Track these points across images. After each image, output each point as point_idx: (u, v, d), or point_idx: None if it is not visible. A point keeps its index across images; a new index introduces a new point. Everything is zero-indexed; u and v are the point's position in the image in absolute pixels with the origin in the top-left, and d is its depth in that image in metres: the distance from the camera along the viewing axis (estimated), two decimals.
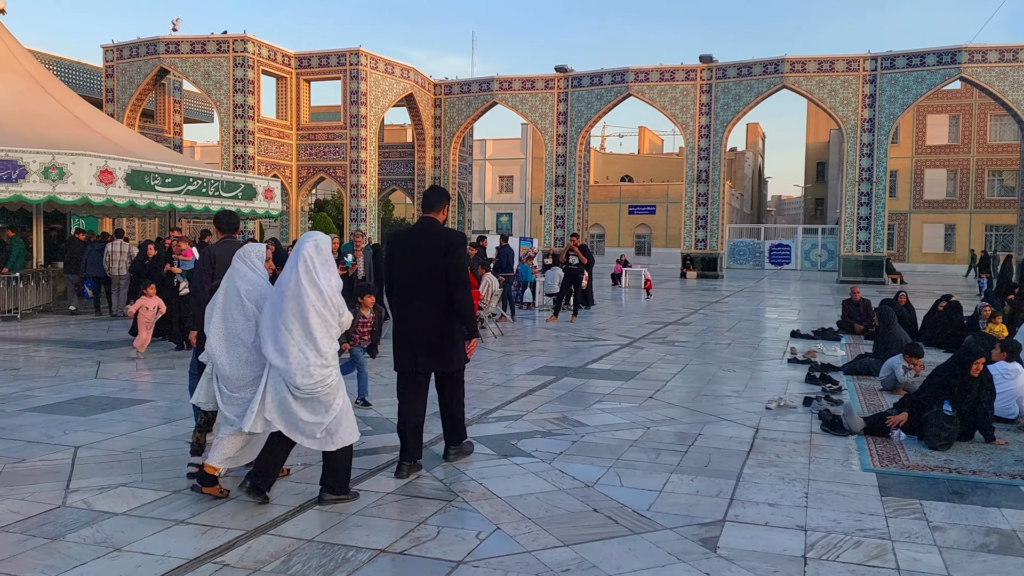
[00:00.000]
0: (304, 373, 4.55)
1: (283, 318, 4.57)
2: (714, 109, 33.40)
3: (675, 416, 7.34)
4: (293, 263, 4.66)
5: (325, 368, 4.62)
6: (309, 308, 4.56)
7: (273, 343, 4.59)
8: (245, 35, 30.20)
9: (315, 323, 4.57)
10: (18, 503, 4.74)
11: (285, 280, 4.64)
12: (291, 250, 5.00)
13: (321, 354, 4.60)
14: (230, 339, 4.80)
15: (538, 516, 4.61)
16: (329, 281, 4.65)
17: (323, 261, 4.68)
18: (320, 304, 4.59)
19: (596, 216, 58.28)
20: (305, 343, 4.56)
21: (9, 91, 17.34)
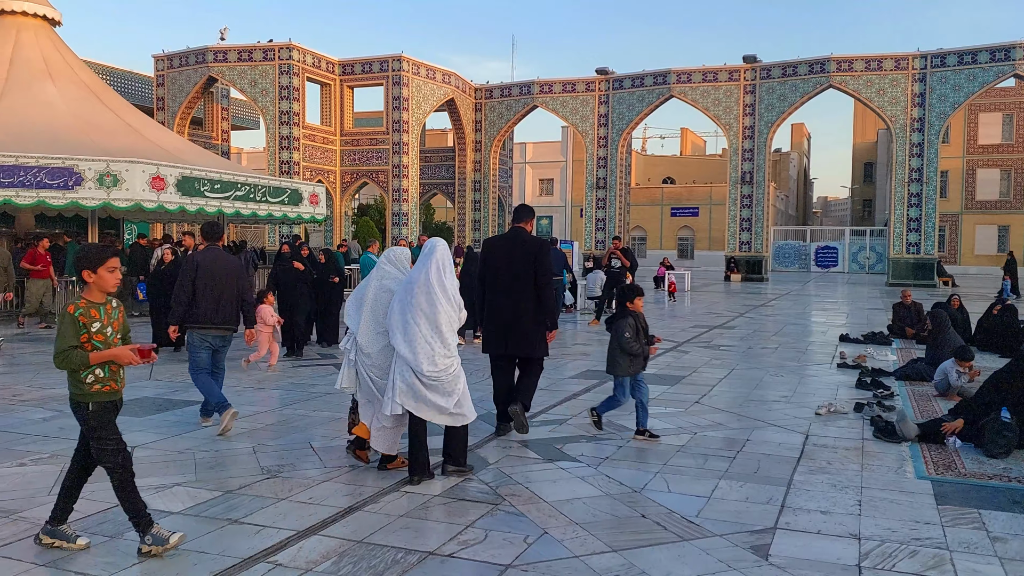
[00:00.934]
0: (430, 361, 5.13)
1: (412, 313, 5.16)
2: (758, 110, 32.97)
3: (722, 421, 7.25)
4: (423, 265, 5.28)
5: (448, 358, 5.22)
6: (437, 304, 5.16)
7: (402, 335, 5.17)
8: (290, 43, 30.73)
9: (442, 318, 5.17)
10: (78, 502, 4.85)
11: (414, 279, 5.27)
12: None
13: (445, 345, 5.20)
14: (377, 330, 5.43)
15: (585, 521, 4.60)
16: (452, 281, 5.30)
17: (444, 264, 5.31)
18: (445, 301, 5.20)
19: (637, 219, 57.98)
20: (431, 335, 5.15)
21: (66, 101, 17.91)
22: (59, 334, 3.97)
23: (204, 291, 6.82)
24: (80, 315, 3.98)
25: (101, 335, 4.04)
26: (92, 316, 4.02)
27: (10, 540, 4.25)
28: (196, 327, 6.87)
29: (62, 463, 5.67)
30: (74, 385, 4.06)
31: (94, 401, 4.05)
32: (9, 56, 18.30)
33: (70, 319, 3.97)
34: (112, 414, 4.13)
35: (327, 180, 33.04)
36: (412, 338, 5.12)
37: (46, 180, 14.63)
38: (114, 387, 4.11)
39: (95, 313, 4.03)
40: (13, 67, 18.07)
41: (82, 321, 3.98)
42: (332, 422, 7.13)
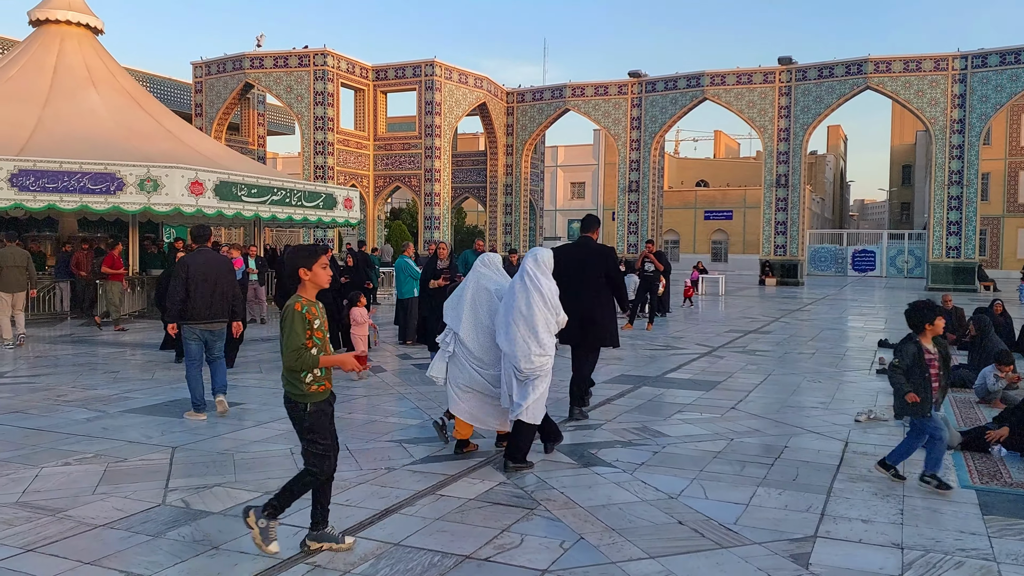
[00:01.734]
0: (526, 359, 5.62)
1: (513, 315, 5.70)
2: (793, 112, 32.59)
3: (759, 428, 7.17)
4: (521, 272, 5.81)
5: (543, 357, 5.68)
6: (534, 307, 5.66)
7: (505, 334, 5.74)
8: (325, 49, 31.08)
9: (538, 320, 5.65)
10: (122, 501, 4.98)
11: (515, 284, 5.80)
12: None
13: (541, 345, 5.66)
14: (477, 326, 5.96)
15: (621, 527, 4.57)
16: (549, 286, 5.77)
17: (543, 271, 5.81)
18: (542, 304, 5.69)
19: (671, 222, 57.62)
20: (528, 335, 5.64)
21: (108, 107, 18.30)
22: (290, 332, 3.98)
23: (196, 289, 7.37)
24: (306, 312, 4.02)
25: (320, 332, 4.09)
26: (313, 313, 4.06)
27: (56, 538, 4.34)
28: (188, 323, 7.44)
29: (106, 463, 5.80)
30: (292, 384, 4.07)
31: (312, 402, 4.08)
32: (53, 64, 18.75)
33: (299, 316, 3.99)
34: (327, 417, 4.15)
35: (360, 184, 33.34)
36: (512, 337, 5.67)
37: (89, 185, 14.97)
38: (328, 386, 4.16)
39: (314, 310, 4.08)
40: (57, 75, 18.51)
41: (308, 318, 4.01)
42: (367, 424, 7.19)
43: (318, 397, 4.10)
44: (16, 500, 4.95)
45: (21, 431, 6.78)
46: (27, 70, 18.48)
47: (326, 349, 4.12)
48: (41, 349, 12.26)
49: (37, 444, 6.34)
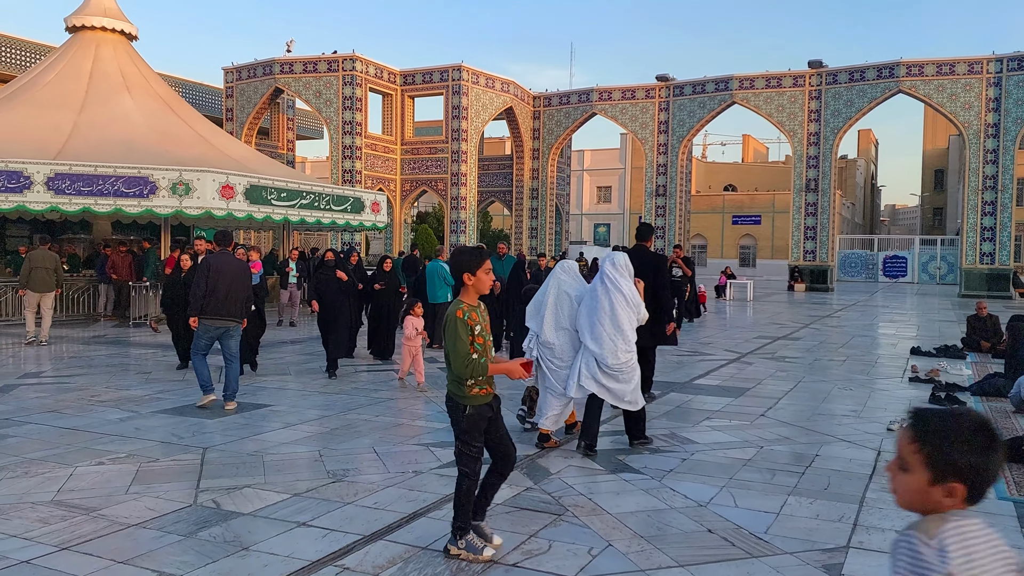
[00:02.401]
0: (614, 356, 6.13)
1: (598, 315, 6.17)
2: (824, 116, 32.24)
3: (789, 435, 7.08)
4: (601, 275, 6.31)
5: (628, 352, 6.20)
6: (617, 307, 6.15)
7: (590, 333, 6.21)
8: (354, 54, 31.33)
9: (623, 318, 6.15)
10: (154, 501, 5.04)
11: (596, 286, 6.29)
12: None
13: (626, 341, 6.19)
14: (558, 326, 6.45)
15: (650, 534, 4.53)
16: (628, 286, 6.27)
17: (620, 273, 6.30)
18: (624, 303, 6.18)
19: (698, 226, 57.24)
20: (614, 333, 6.15)
21: (142, 112, 18.61)
22: (455, 339, 3.98)
23: (215, 288, 7.89)
24: (468, 318, 4.01)
25: (482, 338, 4.05)
26: (474, 319, 4.04)
27: (90, 537, 4.40)
28: (203, 318, 7.91)
29: (138, 463, 5.88)
30: (456, 385, 4.09)
31: (472, 404, 4.07)
32: (89, 70, 19.11)
33: (461, 324, 3.99)
34: (484, 421, 4.11)
35: (387, 188, 33.55)
36: (599, 336, 6.14)
37: (123, 189, 15.22)
38: (489, 390, 4.13)
39: (475, 316, 4.06)
40: (92, 80, 18.86)
41: (468, 324, 4.00)
42: (395, 427, 7.21)
43: (479, 400, 4.09)
44: (51, 499, 5.03)
45: (56, 430, 6.90)
46: (64, 76, 18.86)
47: (487, 354, 4.08)
48: (75, 350, 12.48)
49: (71, 443, 6.44)
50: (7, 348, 12.56)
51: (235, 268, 8.08)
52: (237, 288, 7.97)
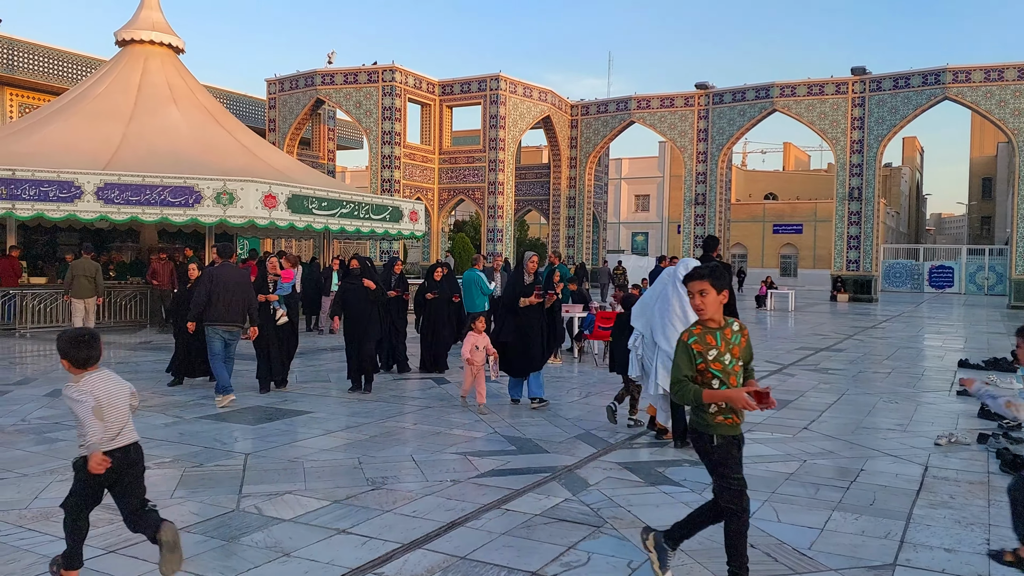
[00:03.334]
0: None
1: (669, 317, 6.65)
2: (867, 123, 31.69)
3: (833, 449, 6.94)
4: (673, 280, 6.67)
5: None
6: (687, 310, 6.47)
7: (662, 333, 6.68)
8: (393, 65, 31.69)
9: (691, 318, 6.24)
10: (198, 505, 5.13)
11: (668, 290, 6.70)
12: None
13: None
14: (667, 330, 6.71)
15: (691, 548, 4.47)
16: None
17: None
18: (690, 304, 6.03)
19: (738, 235, 56.62)
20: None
21: (188, 123, 19.03)
22: (674, 362, 3.78)
23: (218, 297, 8.64)
24: (694, 343, 3.72)
25: (718, 363, 3.72)
26: (708, 343, 3.72)
27: (136, 540, 4.48)
28: (211, 324, 8.69)
29: (183, 468, 5.98)
30: (695, 414, 3.80)
31: (717, 434, 3.73)
32: (138, 82, 19.61)
33: (683, 347, 3.74)
34: (736, 450, 3.76)
35: (425, 197, 33.81)
36: (669, 337, 6.54)
37: (169, 198, 15.57)
38: (736, 420, 3.75)
39: (711, 340, 3.74)
40: (141, 93, 19.35)
41: (696, 349, 3.71)
42: (433, 436, 7.24)
43: (725, 430, 3.73)
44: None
45: None
46: (113, 88, 19.38)
47: (730, 381, 3.73)
48: (122, 355, 12.78)
49: None
50: (57, 354, 12.91)
51: (235, 278, 8.83)
52: (237, 297, 8.76)
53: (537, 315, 8.61)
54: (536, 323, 8.58)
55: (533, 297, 8.63)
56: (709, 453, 3.76)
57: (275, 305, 9.65)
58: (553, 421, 7.92)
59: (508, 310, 8.73)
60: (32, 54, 26.98)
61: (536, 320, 8.59)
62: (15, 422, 7.51)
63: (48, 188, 15.04)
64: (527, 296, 8.63)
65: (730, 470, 3.73)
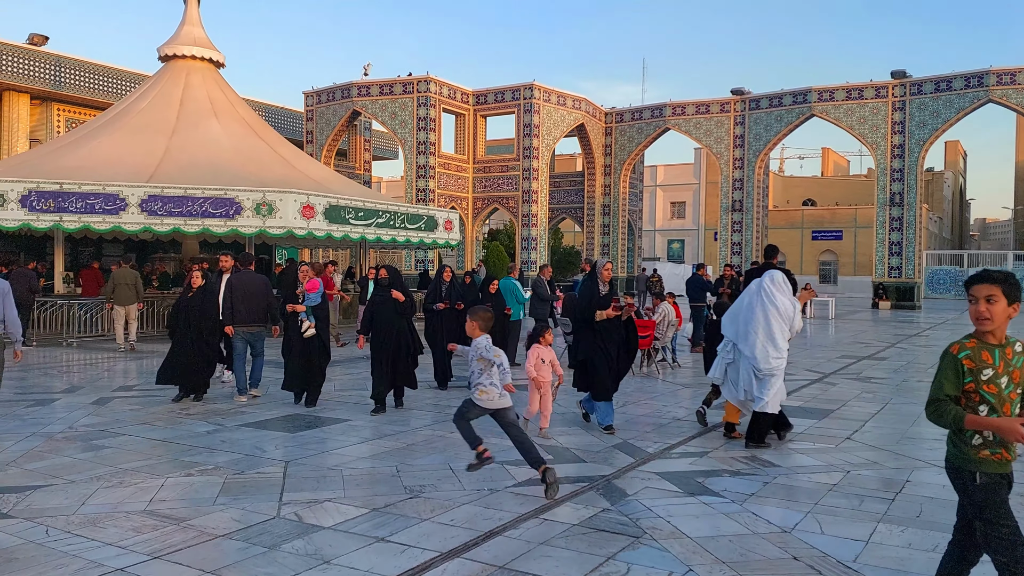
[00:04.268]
0: (765, 360, 6.94)
1: (752, 324, 7.00)
2: (908, 127, 31.11)
3: (877, 460, 6.79)
4: (757, 289, 7.09)
5: (778, 359, 6.96)
6: (771, 318, 6.95)
7: (745, 340, 7.04)
8: (428, 76, 31.96)
9: (775, 328, 6.96)
10: (239, 512, 5.19)
11: (753, 300, 7.05)
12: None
13: (777, 349, 6.97)
14: (769, 339, 7.00)
15: (732, 560, 4.41)
16: (783, 300, 7.02)
17: (778, 288, 7.07)
18: (777, 315, 6.98)
19: (776, 242, 55.82)
20: (767, 341, 6.96)
21: (228, 136, 19.39)
22: (935, 377, 3.26)
23: (239, 301, 9.42)
24: (965, 358, 3.18)
25: (993, 386, 3.17)
26: (983, 360, 3.18)
27: (180, 547, 4.56)
28: (234, 326, 9.46)
29: (224, 475, 6.07)
30: (954, 444, 3.29)
31: (981, 471, 3.18)
32: (180, 97, 20.05)
33: (951, 361, 3.20)
34: (1005, 491, 3.20)
35: (460, 206, 33.97)
36: (752, 343, 6.96)
37: (210, 209, 15.87)
38: (1005, 456, 3.20)
39: (987, 357, 3.18)
40: (183, 106, 19.78)
41: (967, 366, 3.17)
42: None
43: (992, 467, 3.18)
44: (144, 508, 5.24)
45: (148, 442, 7.20)
46: (156, 103, 19.84)
47: (1003, 409, 3.17)
48: None
49: (162, 455, 6.71)
50: (103, 363, 13.20)
51: (253, 285, 9.59)
52: (256, 301, 9.52)
53: (616, 329, 7.83)
54: (615, 338, 7.82)
55: (611, 310, 7.76)
56: (970, 493, 3.22)
57: (302, 316, 9.18)
58: (590, 430, 7.88)
59: (584, 324, 7.87)
60: (79, 70, 27.76)
61: (615, 335, 7.83)
62: (63, 429, 7.69)
63: (94, 201, 15.43)
64: (603, 308, 7.74)
65: (998, 515, 3.13)
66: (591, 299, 7.82)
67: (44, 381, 10.89)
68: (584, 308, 7.83)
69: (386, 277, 8.97)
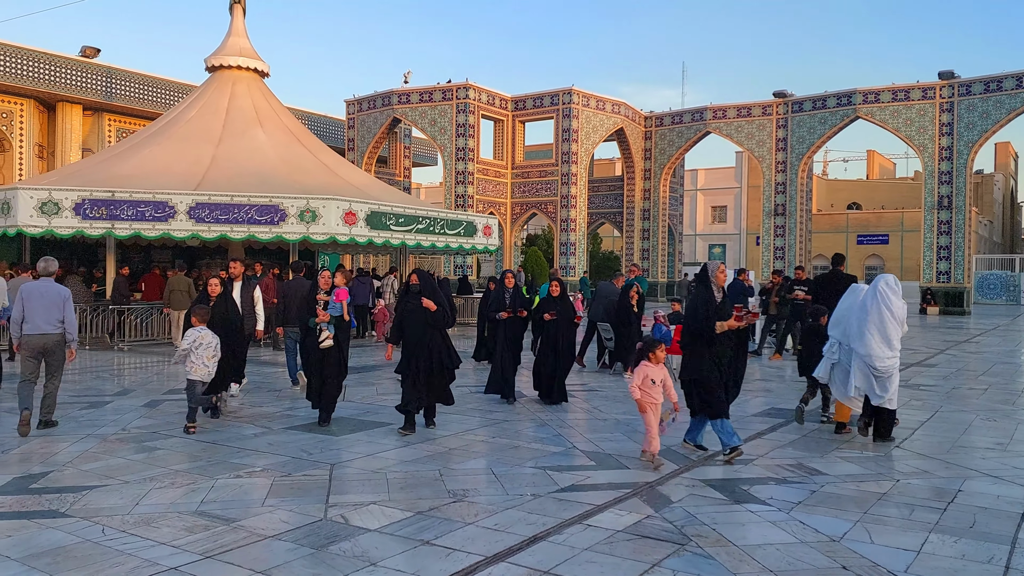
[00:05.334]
0: (880, 360, 7.25)
1: (867, 325, 7.29)
2: (956, 128, 30.39)
3: (927, 469, 6.65)
4: (875, 290, 7.39)
5: (892, 359, 7.33)
6: (885, 319, 7.28)
7: (860, 340, 7.32)
8: (467, 83, 32.17)
9: (889, 329, 7.29)
10: (287, 514, 5.28)
11: (868, 302, 7.39)
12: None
13: (892, 349, 7.33)
14: (884, 339, 7.30)
15: (780, 568, 4.36)
16: (897, 303, 7.37)
17: (892, 291, 7.40)
18: (890, 316, 7.32)
19: (820, 246, 54.98)
20: (881, 341, 7.28)
21: (272, 144, 19.75)
22: None
23: (291, 303, 10.54)
24: None
25: None
26: None
27: (231, 547, 4.66)
28: (287, 327, 10.91)
29: (272, 477, 6.18)
30: None
31: None
32: (226, 106, 20.48)
33: None
34: None
35: (498, 212, 34.09)
36: (868, 343, 7.25)
37: (256, 216, 16.17)
38: None
39: None
40: (229, 116, 20.19)
41: None
42: (511, 449, 7.27)
43: None
44: (195, 509, 5.36)
45: (199, 444, 7.37)
46: (204, 112, 20.29)
47: None
48: None
49: (212, 457, 6.86)
50: (153, 366, 13.52)
51: (304, 289, 9.85)
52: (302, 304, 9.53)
53: (732, 342, 6.93)
54: (729, 351, 6.93)
55: (733, 320, 6.80)
56: None
57: (322, 325, 8.36)
58: (632, 437, 7.85)
59: (698, 338, 6.84)
60: (129, 82, 28.54)
61: (730, 348, 6.94)
62: (116, 431, 7.91)
63: (144, 208, 15.83)
64: (723, 319, 6.78)
65: None
66: (708, 308, 6.79)
67: (97, 384, 11.20)
68: (702, 319, 6.77)
69: (417, 283, 8.07)
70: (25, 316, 7.77)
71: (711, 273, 6.97)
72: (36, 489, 5.81)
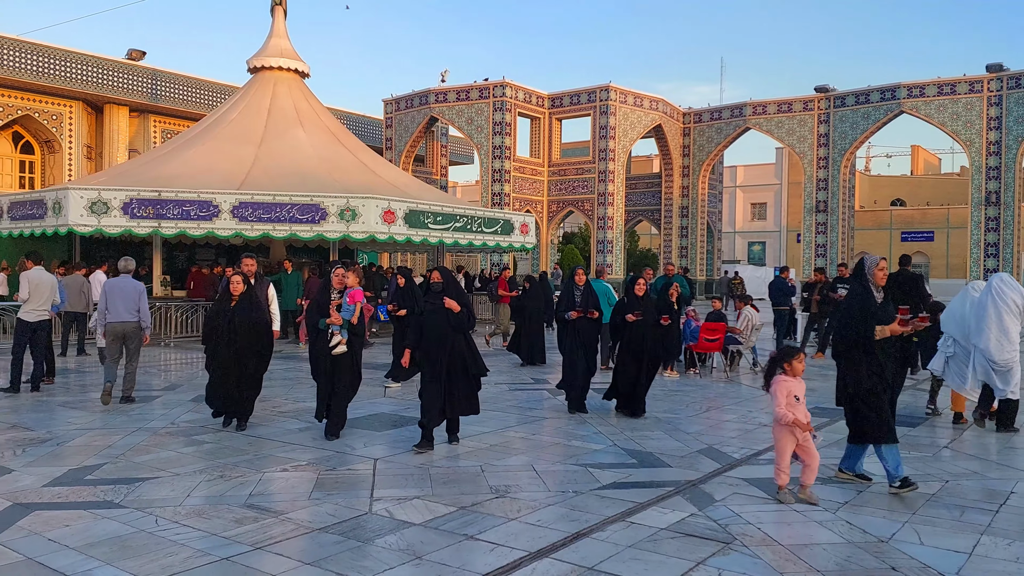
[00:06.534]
0: (999, 353, 7.54)
1: (986, 321, 7.59)
2: (1005, 123, 29.61)
3: (977, 470, 6.52)
4: (989, 288, 7.73)
5: (1011, 352, 7.57)
6: (1004, 314, 7.53)
7: (979, 334, 7.62)
8: (504, 80, 32.23)
9: (1008, 323, 7.57)
10: (333, 507, 5.37)
11: (984, 300, 7.68)
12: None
13: (1011, 342, 7.57)
14: (1003, 332, 7.58)
15: (828, 569, 4.31)
16: (1014, 297, 7.60)
17: (1009, 286, 7.68)
18: (1009, 312, 7.58)
19: (863, 244, 53.93)
20: (1000, 335, 7.55)
21: (313, 144, 20.03)
22: None
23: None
24: None
25: None
26: None
27: (280, 539, 4.75)
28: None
29: (318, 471, 6.29)
30: None
31: None
32: (267, 107, 20.81)
33: None
34: None
35: (535, 210, 34.10)
36: (987, 338, 7.54)
37: (297, 215, 16.43)
38: None
39: None
40: (270, 116, 20.52)
41: None
42: (551, 446, 7.29)
43: None
44: (245, 502, 5.48)
45: (246, 438, 7.51)
46: (246, 113, 20.65)
47: None
48: None
49: (259, 451, 6.99)
50: (198, 362, 13.80)
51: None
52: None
53: (894, 349, 6.09)
54: (892, 358, 5.98)
55: (897, 324, 5.87)
56: None
57: (334, 329, 7.61)
58: (674, 435, 7.81)
59: (858, 345, 5.84)
60: (174, 84, 29.16)
61: (894, 357, 6.07)
62: (166, 425, 8.10)
63: (189, 207, 16.17)
64: (885, 323, 5.81)
65: None
66: (865, 310, 5.83)
67: (145, 379, 11.47)
68: (860, 323, 5.82)
69: (439, 281, 7.25)
70: (108, 307, 9.31)
71: (868, 269, 5.95)
72: (91, 480, 5.99)
